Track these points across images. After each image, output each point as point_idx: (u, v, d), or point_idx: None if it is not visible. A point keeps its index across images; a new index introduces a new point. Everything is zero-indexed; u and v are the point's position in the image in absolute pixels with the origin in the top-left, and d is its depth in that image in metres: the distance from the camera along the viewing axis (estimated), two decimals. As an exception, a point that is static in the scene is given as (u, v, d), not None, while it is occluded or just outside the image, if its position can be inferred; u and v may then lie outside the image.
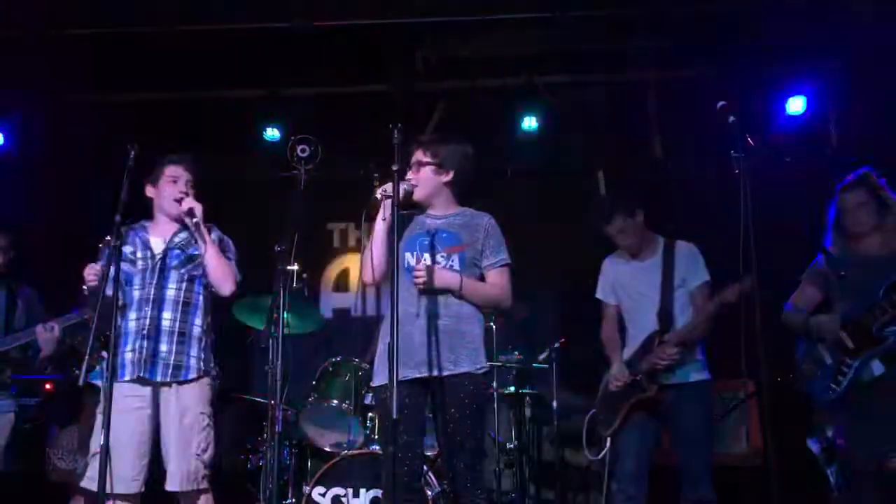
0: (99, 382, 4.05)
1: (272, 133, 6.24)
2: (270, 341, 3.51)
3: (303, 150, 3.55)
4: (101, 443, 3.25)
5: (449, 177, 3.64)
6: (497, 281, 3.62)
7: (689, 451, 4.11)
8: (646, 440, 4.21)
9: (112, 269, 3.50)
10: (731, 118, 3.29)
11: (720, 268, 4.28)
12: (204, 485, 3.80)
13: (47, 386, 5.22)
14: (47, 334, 4.36)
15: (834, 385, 3.89)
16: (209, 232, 3.97)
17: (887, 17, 5.35)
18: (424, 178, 3.62)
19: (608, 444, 4.39)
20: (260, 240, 4.18)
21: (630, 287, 4.37)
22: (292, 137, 3.62)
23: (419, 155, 3.64)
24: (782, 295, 4.22)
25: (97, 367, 4.17)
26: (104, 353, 3.91)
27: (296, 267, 3.42)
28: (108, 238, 3.58)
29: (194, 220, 3.87)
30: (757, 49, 5.75)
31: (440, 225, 3.63)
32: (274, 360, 3.43)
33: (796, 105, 6.00)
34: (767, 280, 3.61)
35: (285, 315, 3.51)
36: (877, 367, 3.84)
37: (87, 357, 3.28)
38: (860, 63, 5.68)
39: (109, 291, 3.60)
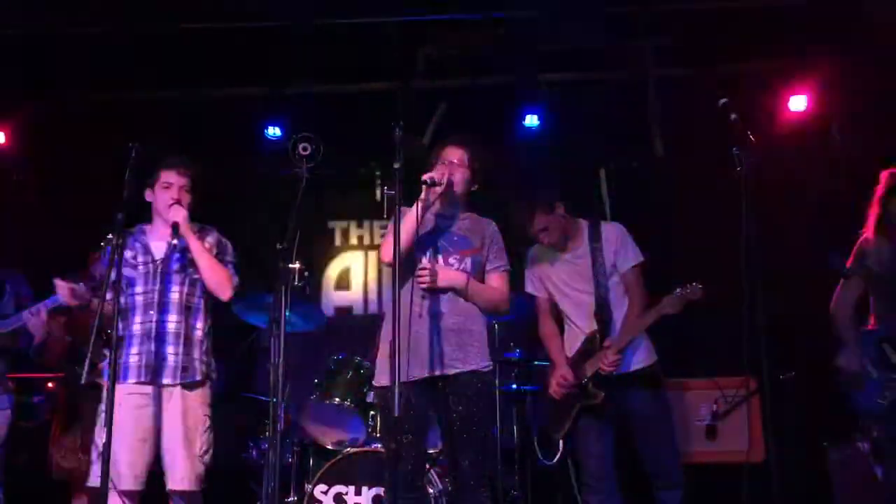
0: (103, 380, 4.05)
1: (273, 131, 6.24)
2: (272, 339, 3.51)
3: (304, 149, 3.55)
4: (104, 441, 3.26)
5: (474, 188, 3.68)
6: (498, 285, 3.66)
7: (650, 441, 3.99)
8: (604, 439, 4.05)
9: (113, 267, 3.49)
10: (733, 116, 3.28)
11: (720, 266, 4.27)
12: (203, 485, 3.85)
13: (49, 384, 5.22)
14: (34, 319, 4.31)
15: (881, 400, 3.87)
16: (206, 236, 3.98)
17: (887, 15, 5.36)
18: (462, 180, 3.63)
19: (561, 447, 4.24)
20: (261, 238, 4.19)
21: (561, 283, 4.14)
22: (294, 136, 3.61)
23: (463, 155, 3.64)
24: (782, 293, 4.20)
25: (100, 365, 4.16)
26: (106, 352, 3.90)
27: (297, 265, 3.42)
28: (110, 236, 3.58)
29: (176, 237, 3.84)
30: (757, 47, 5.74)
31: (452, 227, 3.65)
32: (275, 359, 3.44)
33: (798, 102, 5.99)
34: (768, 277, 3.62)
35: (287, 313, 3.51)
36: None
37: (88, 355, 3.28)
38: (861, 60, 5.67)
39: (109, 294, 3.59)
